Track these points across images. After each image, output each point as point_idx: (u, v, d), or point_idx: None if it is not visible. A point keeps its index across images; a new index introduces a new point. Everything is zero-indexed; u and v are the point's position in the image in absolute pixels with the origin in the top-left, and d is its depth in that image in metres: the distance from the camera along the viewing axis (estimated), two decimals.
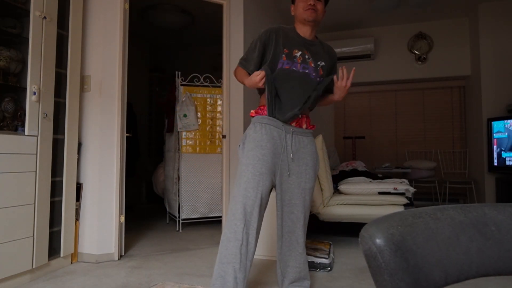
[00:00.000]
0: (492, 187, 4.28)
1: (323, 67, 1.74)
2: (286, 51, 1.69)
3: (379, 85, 5.45)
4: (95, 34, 2.62)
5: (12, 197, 1.98)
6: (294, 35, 1.74)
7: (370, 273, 0.48)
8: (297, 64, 1.68)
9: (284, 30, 1.74)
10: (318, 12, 1.70)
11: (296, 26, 1.77)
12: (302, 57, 1.70)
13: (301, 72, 1.68)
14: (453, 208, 0.54)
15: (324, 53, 1.78)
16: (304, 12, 1.68)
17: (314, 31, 1.77)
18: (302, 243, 1.72)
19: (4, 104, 2.13)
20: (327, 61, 1.77)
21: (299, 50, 1.70)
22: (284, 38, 1.71)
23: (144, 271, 2.29)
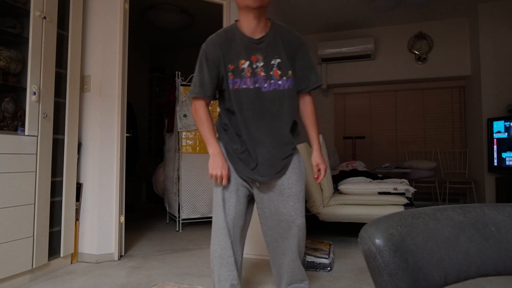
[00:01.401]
0: (492, 187, 4.28)
1: (280, 65, 1.46)
2: (232, 67, 1.45)
3: (379, 85, 5.45)
4: (95, 34, 2.62)
5: (12, 197, 1.98)
6: (238, 38, 1.46)
7: (370, 273, 0.48)
8: (246, 80, 1.45)
9: (227, 36, 1.47)
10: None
11: (240, 19, 1.48)
12: (250, 68, 1.44)
13: (252, 88, 1.44)
14: (453, 208, 0.54)
15: (279, 44, 1.48)
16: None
17: (263, 18, 1.46)
18: (296, 250, 1.57)
19: (4, 104, 2.13)
20: (286, 51, 1.48)
21: (246, 60, 1.44)
22: (227, 49, 1.46)
23: (144, 271, 2.29)
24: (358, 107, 5.63)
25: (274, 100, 1.47)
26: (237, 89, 1.45)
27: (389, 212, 0.53)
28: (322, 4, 4.47)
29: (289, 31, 1.52)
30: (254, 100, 1.45)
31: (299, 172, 1.56)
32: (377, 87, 5.48)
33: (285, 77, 1.47)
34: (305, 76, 1.53)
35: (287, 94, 1.48)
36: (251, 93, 1.45)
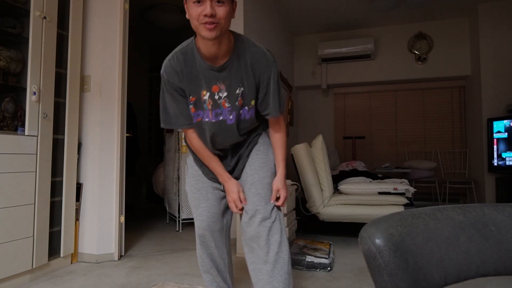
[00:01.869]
0: (492, 187, 4.28)
1: (243, 94, 1.30)
2: (193, 99, 1.31)
3: (379, 85, 5.45)
4: (95, 34, 2.62)
5: (12, 197, 1.98)
6: (198, 65, 1.28)
7: (370, 273, 0.48)
8: (208, 112, 1.31)
9: (186, 60, 1.28)
10: (221, 22, 1.14)
11: (198, 40, 1.26)
12: (211, 100, 1.30)
13: (214, 122, 1.32)
14: (453, 208, 0.54)
15: (242, 69, 1.29)
16: (200, 27, 1.15)
17: (225, 40, 1.24)
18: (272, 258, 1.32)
19: (4, 104, 2.13)
20: (250, 77, 1.29)
21: (207, 90, 1.29)
22: (187, 79, 1.29)
23: (144, 271, 2.29)
24: (358, 107, 5.63)
25: (238, 131, 1.36)
26: (200, 122, 1.34)
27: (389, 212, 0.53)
28: (322, 4, 4.47)
29: (255, 51, 1.29)
30: (219, 133, 1.35)
31: (264, 157, 1.43)
32: (377, 87, 5.49)
33: (247, 107, 1.33)
34: (267, 103, 1.35)
35: (249, 123, 1.37)
36: (215, 125, 1.33)
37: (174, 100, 1.33)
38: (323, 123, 5.74)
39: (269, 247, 1.31)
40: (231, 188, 1.39)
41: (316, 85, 5.59)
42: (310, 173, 2.92)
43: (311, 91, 5.83)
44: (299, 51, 5.64)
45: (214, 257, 1.53)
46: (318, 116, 5.81)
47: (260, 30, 3.74)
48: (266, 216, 1.33)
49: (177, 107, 1.34)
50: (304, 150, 2.93)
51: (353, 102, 5.67)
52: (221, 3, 1.13)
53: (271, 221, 1.33)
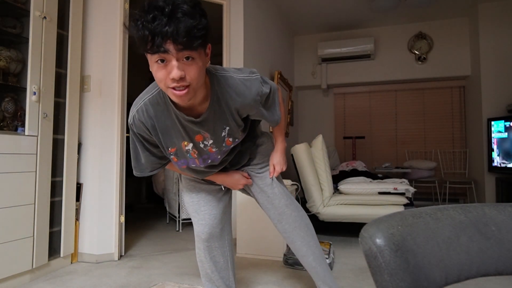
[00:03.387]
0: (492, 187, 4.28)
1: (230, 132, 1.21)
2: (173, 150, 1.20)
3: (379, 85, 5.45)
4: (95, 34, 2.62)
5: (12, 197, 1.98)
6: (173, 116, 1.12)
7: (370, 273, 0.48)
8: (194, 160, 1.24)
9: (157, 115, 1.12)
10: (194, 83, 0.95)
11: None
12: (196, 150, 1.21)
13: (203, 167, 1.30)
14: (453, 208, 0.54)
15: (226, 111, 1.15)
16: (168, 91, 0.96)
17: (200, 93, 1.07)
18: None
19: (4, 104, 2.13)
20: (235, 114, 1.18)
21: (190, 141, 1.18)
22: (161, 132, 1.15)
23: (144, 271, 2.29)
24: (358, 107, 5.63)
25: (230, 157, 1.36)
26: (186, 168, 1.29)
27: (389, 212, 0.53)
28: (322, 4, 4.47)
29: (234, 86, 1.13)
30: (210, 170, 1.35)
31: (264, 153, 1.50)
32: (377, 87, 5.49)
33: (237, 138, 1.27)
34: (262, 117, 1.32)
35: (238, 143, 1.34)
36: (202, 168, 1.31)
37: (145, 149, 1.23)
38: (323, 123, 5.74)
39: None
40: (235, 178, 1.44)
41: (316, 85, 5.59)
42: (310, 173, 2.92)
43: (311, 91, 5.83)
44: (299, 51, 5.64)
45: (216, 258, 1.53)
46: (318, 116, 5.81)
47: (260, 30, 3.74)
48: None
49: (148, 154, 1.24)
50: (304, 150, 2.93)
51: (353, 102, 5.67)
52: (191, 60, 0.91)
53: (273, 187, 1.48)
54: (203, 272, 1.56)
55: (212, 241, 1.49)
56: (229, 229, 1.60)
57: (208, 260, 1.51)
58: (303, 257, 1.55)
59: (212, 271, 1.53)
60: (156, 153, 1.25)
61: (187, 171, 1.36)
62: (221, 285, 1.56)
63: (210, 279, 1.55)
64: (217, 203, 1.48)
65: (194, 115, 1.12)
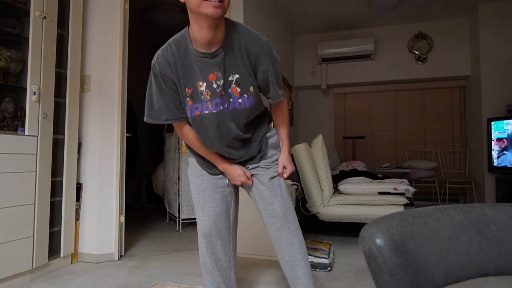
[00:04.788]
0: (492, 187, 4.28)
1: (238, 81, 1.27)
2: (190, 91, 1.27)
3: (379, 85, 5.45)
4: (95, 34, 2.62)
5: (12, 197, 1.98)
6: (191, 54, 1.24)
7: (370, 273, 0.48)
8: (207, 104, 1.27)
9: (179, 51, 1.25)
10: (225, 2, 1.13)
11: (192, 29, 1.21)
12: (209, 90, 1.26)
13: (215, 112, 1.28)
14: (453, 208, 0.54)
15: (236, 54, 1.25)
16: (204, 4, 1.09)
17: (221, 27, 1.21)
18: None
19: (4, 104, 2.13)
20: (245, 62, 1.27)
21: (204, 81, 1.25)
22: (181, 70, 1.25)
23: (144, 271, 2.29)
24: (358, 107, 5.63)
25: (236, 120, 1.32)
26: (198, 116, 1.30)
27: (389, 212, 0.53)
28: (322, 4, 4.47)
29: (249, 36, 1.26)
30: (218, 127, 1.31)
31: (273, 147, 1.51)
32: (377, 87, 5.49)
33: (245, 94, 1.29)
34: (267, 89, 1.36)
35: (249, 112, 1.34)
36: (217, 116, 1.29)
37: (161, 93, 1.29)
38: (323, 123, 5.74)
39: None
40: (237, 172, 1.43)
41: (316, 85, 5.59)
42: (310, 173, 2.92)
43: (311, 91, 5.83)
44: (299, 51, 5.64)
45: (218, 255, 1.53)
46: (318, 116, 5.81)
47: (260, 30, 3.74)
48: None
49: (163, 100, 1.29)
50: (304, 150, 2.93)
51: (353, 102, 5.67)
52: None
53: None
54: (205, 268, 1.56)
55: (214, 238, 1.50)
56: (235, 230, 1.60)
57: (209, 256, 1.52)
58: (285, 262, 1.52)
59: (212, 267, 1.54)
60: (171, 98, 1.30)
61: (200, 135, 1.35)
62: (221, 283, 1.56)
63: (211, 274, 1.56)
64: (222, 202, 1.50)
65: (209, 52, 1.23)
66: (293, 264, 1.46)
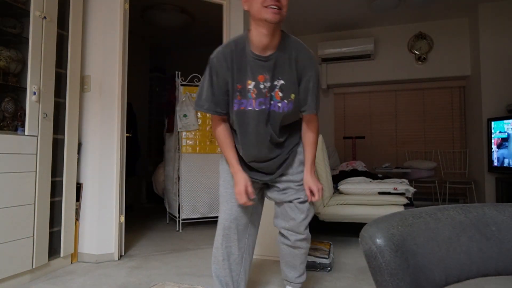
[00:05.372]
0: (492, 187, 4.28)
1: (282, 87, 1.39)
2: (240, 86, 1.40)
3: (379, 85, 5.45)
4: (95, 34, 2.62)
5: (12, 197, 1.98)
6: (247, 55, 1.38)
7: (371, 273, 0.48)
8: (252, 101, 1.39)
9: (238, 50, 1.39)
10: (283, 10, 1.28)
11: (252, 33, 1.36)
12: (256, 89, 1.38)
13: (258, 110, 1.40)
14: (453, 208, 0.54)
15: (286, 63, 1.39)
16: (264, 10, 1.25)
17: (277, 33, 1.36)
18: None
19: (4, 104, 2.13)
20: (292, 71, 1.40)
21: (252, 80, 1.38)
22: (237, 67, 1.38)
23: (144, 271, 2.29)
24: (358, 107, 5.63)
25: (271, 121, 1.43)
26: (242, 111, 1.41)
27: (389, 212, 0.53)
28: (322, 4, 4.47)
29: (300, 48, 1.41)
30: (258, 124, 1.42)
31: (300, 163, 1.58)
32: (377, 87, 5.48)
33: (286, 100, 1.40)
34: (305, 99, 1.45)
35: (285, 117, 1.44)
36: (255, 115, 1.41)
37: (211, 85, 1.41)
38: (323, 123, 5.74)
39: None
40: (239, 181, 1.47)
41: None
42: None
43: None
44: None
45: (232, 249, 1.55)
46: (319, 116, 5.80)
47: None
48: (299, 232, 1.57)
49: (211, 92, 1.41)
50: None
51: (353, 102, 5.66)
52: None
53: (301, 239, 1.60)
54: (215, 259, 1.57)
55: (232, 232, 1.53)
56: (254, 232, 1.63)
57: (223, 248, 1.54)
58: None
59: (223, 259, 1.54)
60: (218, 92, 1.41)
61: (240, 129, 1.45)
62: (227, 276, 1.55)
63: (220, 266, 1.56)
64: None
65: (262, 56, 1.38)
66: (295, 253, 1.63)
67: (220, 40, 3.20)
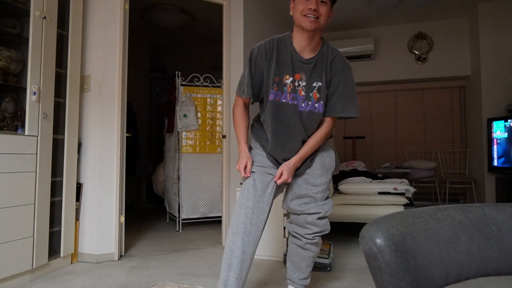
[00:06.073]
0: (492, 187, 4.28)
1: (319, 88, 1.51)
2: (277, 79, 1.51)
3: (379, 85, 5.45)
4: (95, 34, 2.62)
5: (12, 197, 1.98)
6: (288, 53, 1.52)
7: (371, 273, 0.48)
8: (287, 95, 1.51)
9: (279, 46, 1.53)
10: (321, 18, 1.43)
11: (294, 34, 1.53)
12: (292, 85, 1.50)
13: (290, 104, 1.51)
14: (453, 208, 0.54)
15: (323, 67, 1.52)
16: (303, 19, 1.43)
17: (316, 39, 1.50)
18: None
19: (4, 104, 2.13)
20: (327, 76, 1.51)
21: (290, 76, 1.50)
22: (276, 61, 1.51)
23: (144, 271, 2.29)
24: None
25: (307, 121, 1.53)
26: (277, 102, 1.51)
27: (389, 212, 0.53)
28: None
29: (337, 55, 1.53)
30: (289, 116, 1.51)
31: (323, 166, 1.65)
32: (377, 87, 5.48)
33: (321, 101, 1.51)
34: (332, 103, 1.53)
35: (319, 117, 1.54)
36: (288, 108, 1.51)
37: (250, 73, 1.54)
38: None
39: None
40: (241, 160, 1.57)
41: None
42: None
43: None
44: None
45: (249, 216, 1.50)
46: None
47: (260, 30, 3.73)
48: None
49: (249, 78, 1.54)
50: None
51: None
52: (324, 3, 1.43)
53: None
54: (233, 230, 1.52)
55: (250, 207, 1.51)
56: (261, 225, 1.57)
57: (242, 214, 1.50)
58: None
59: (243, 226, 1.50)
60: (254, 79, 1.54)
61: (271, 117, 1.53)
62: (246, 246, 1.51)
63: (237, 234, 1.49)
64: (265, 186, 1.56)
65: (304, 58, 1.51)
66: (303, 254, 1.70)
67: (220, 40, 3.20)
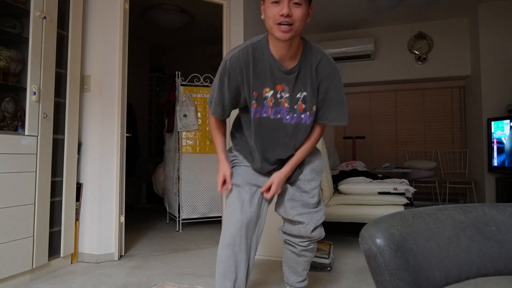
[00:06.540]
0: (492, 187, 4.28)
1: (305, 99, 1.35)
2: (256, 94, 1.34)
3: (379, 85, 5.45)
4: (95, 34, 2.62)
5: (12, 197, 1.98)
6: (266, 61, 1.33)
7: (370, 273, 0.48)
8: (268, 109, 1.36)
9: (255, 56, 1.32)
10: (296, 24, 1.21)
11: (270, 40, 1.33)
12: (273, 98, 1.34)
13: (273, 118, 1.37)
14: (453, 208, 0.54)
15: (308, 75, 1.35)
16: (275, 28, 1.22)
17: (295, 44, 1.32)
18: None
19: (4, 104, 2.13)
20: (312, 84, 1.36)
21: (271, 89, 1.34)
22: (253, 74, 1.32)
23: (144, 271, 2.29)
24: (358, 107, 5.63)
25: (295, 132, 1.40)
26: (259, 118, 1.37)
27: (389, 212, 0.53)
28: (322, 4, 4.47)
29: (321, 58, 1.37)
30: (273, 130, 1.39)
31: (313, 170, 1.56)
32: (377, 87, 5.48)
33: (308, 112, 1.37)
34: (323, 111, 1.41)
35: (308, 128, 1.41)
36: (272, 123, 1.38)
37: (221, 87, 1.36)
38: None
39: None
40: (220, 170, 1.48)
41: None
42: None
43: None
44: None
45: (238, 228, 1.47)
46: None
47: (260, 30, 3.73)
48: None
49: (220, 94, 1.37)
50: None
51: (353, 102, 5.66)
52: (298, 5, 1.20)
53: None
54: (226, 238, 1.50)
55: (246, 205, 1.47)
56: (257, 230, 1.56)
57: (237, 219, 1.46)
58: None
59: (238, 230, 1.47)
60: (226, 96, 1.37)
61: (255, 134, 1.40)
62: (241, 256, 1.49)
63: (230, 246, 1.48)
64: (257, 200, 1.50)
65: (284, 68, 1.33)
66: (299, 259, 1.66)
67: (220, 40, 3.20)
